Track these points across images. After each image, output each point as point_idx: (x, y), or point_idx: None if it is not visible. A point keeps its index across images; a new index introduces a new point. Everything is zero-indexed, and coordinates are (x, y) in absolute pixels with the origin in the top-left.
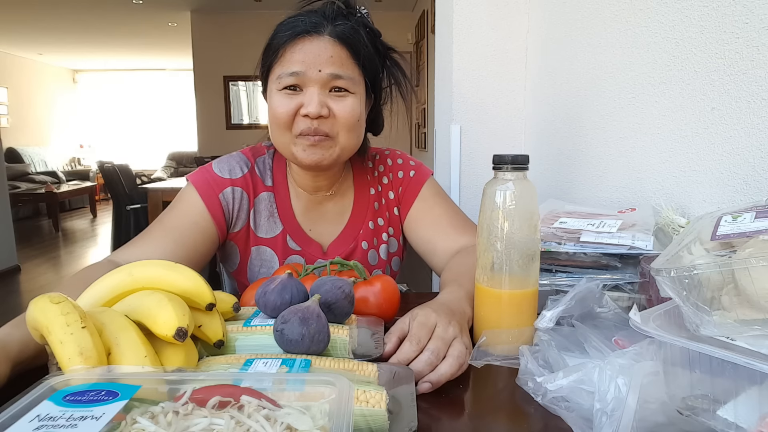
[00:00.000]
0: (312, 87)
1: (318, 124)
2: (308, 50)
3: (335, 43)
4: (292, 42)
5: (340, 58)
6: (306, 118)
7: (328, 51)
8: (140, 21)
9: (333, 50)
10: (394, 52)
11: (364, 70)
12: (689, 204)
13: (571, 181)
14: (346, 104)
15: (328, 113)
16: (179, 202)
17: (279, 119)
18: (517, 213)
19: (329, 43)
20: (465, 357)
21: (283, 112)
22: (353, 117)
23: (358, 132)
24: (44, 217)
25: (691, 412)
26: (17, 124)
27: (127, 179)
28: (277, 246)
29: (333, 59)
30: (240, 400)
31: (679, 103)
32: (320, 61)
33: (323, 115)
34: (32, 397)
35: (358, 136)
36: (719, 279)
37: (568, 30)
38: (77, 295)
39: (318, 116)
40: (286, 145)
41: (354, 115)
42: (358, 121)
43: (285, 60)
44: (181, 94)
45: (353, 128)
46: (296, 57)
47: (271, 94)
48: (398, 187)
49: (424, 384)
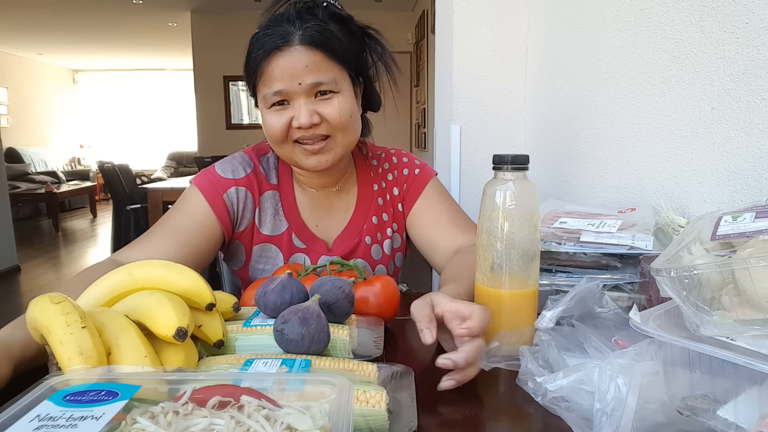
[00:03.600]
0: (298, 99)
1: (313, 130)
2: (283, 66)
3: (307, 50)
4: (266, 60)
5: (315, 64)
6: (299, 129)
7: (302, 61)
8: (140, 21)
9: (307, 58)
10: (370, 29)
11: (344, 64)
12: (689, 204)
13: (571, 181)
14: (334, 106)
15: (320, 120)
16: (183, 203)
17: (274, 135)
18: (517, 213)
19: (301, 52)
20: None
21: (276, 128)
22: (344, 116)
23: (355, 126)
24: (44, 217)
25: (691, 412)
26: (17, 124)
27: (127, 179)
28: (282, 243)
29: (309, 68)
30: (240, 400)
31: (679, 103)
32: (297, 74)
33: (315, 122)
34: (32, 397)
35: (356, 129)
36: (719, 279)
37: (568, 30)
38: (77, 295)
39: (310, 125)
40: (287, 155)
41: (345, 114)
42: (351, 117)
43: (265, 79)
44: (181, 94)
45: (347, 126)
46: (275, 74)
47: (262, 111)
48: (403, 184)
49: (448, 381)
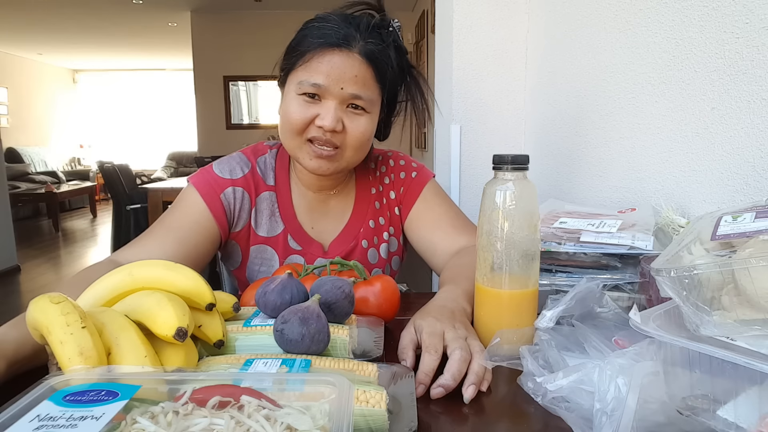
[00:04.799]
0: (331, 101)
1: (330, 136)
2: (335, 64)
3: (362, 62)
4: (320, 51)
5: (364, 78)
6: (320, 128)
7: (354, 69)
8: (140, 21)
9: (359, 69)
10: (415, 71)
11: (384, 90)
12: (689, 204)
13: (571, 181)
14: (360, 123)
15: (342, 128)
16: (180, 203)
17: (293, 124)
18: (517, 213)
19: (357, 61)
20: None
21: (298, 119)
22: (364, 136)
23: (366, 148)
24: (44, 217)
25: (691, 412)
26: (17, 124)
27: (127, 179)
28: (278, 245)
29: (357, 78)
30: (240, 400)
31: (679, 103)
32: (344, 79)
33: (337, 130)
34: (32, 397)
35: (365, 151)
36: (719, 279)
37: (568, 30)
38: (77, 295)
39: (332, 130)
40: (294, 149)
41: (365, 135)
42: (368, 140)
43: (310, 67)
44: (181, 94)
45: (361, 146)
46: (322, 68)
47: (288, 94)
48: (400, 188)
49: (438, 389)
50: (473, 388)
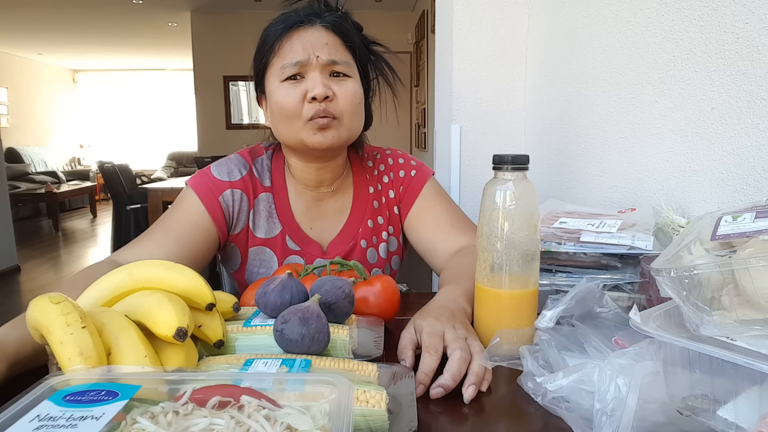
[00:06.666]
0: (313, 72)
1: (326, 105)
2: (305, 39)
3: (328, 31)
4: (287, 34)
5: (334, 44)
6: (313, 102)
7: (323, 38)
8: (140, 21)
9: (327, 38)
10: (377, 45)
11: (356, 59)
12: (689, 204)
13: (571, 181)
14: (347, 86)
15: (333, 95)
16: (179, 204)
17: (287, 109)
18: (517, 213)
19: (323, 31)
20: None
21: (290, 101)
22: (355, 98)
23: (360, 115)
24: (44, 217)
25: (691, 412)
26: (17, 124)
27: (127, 179)
28: (276, 246)
29: (329, 46)
30: (240, 400)
31: (679, 103)
32: (317, 48)
33: (329, 96)
34: (32, 397)
35: (360, 119)
36: (719, 279)
37: (568, 30)
38: (77, 295)
39: (324, 97)
40: (294, 134)
41: (356, 97)
42: (360, 103)
43: (284, 52)
44: (181, 94)
45: (356, 110)
46: (295, 47)
47: (272, 89)
48: (399, 186)
49: (437, 389)
50: (473, 389)
